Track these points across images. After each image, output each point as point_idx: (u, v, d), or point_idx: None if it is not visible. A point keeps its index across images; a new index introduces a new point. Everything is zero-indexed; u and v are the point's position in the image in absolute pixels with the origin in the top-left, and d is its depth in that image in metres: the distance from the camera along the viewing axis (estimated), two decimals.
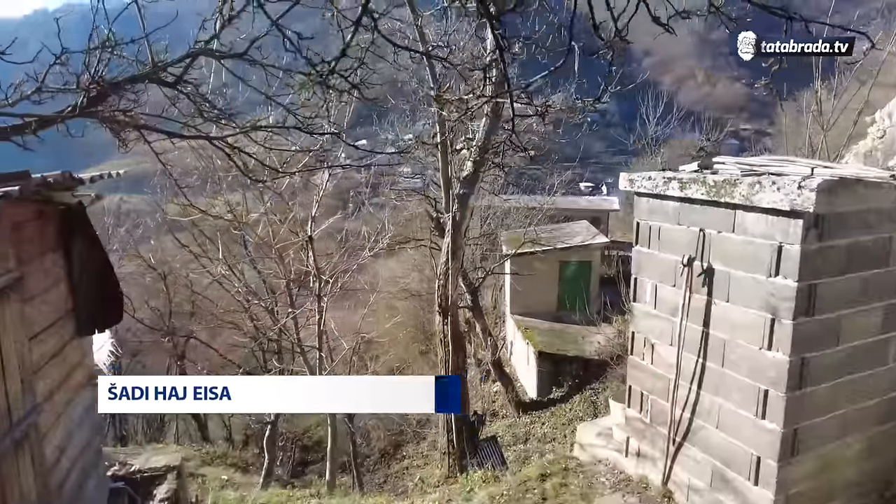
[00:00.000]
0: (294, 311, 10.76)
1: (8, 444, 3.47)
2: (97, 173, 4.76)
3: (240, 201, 12.43)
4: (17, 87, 3.14)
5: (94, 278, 4.94)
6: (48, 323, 4.27)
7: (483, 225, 21.47)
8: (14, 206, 3.78)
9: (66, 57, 3.09)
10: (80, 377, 4.94)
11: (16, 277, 3.69)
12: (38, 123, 3.17)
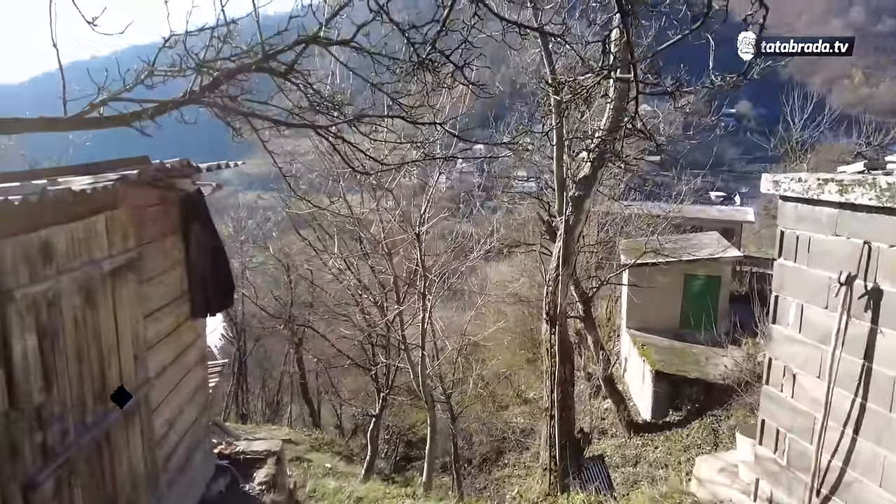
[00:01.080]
0: (400, 308, 10.84)
1: (118, 415, 3.65)
2: (214, 163, 4.96)
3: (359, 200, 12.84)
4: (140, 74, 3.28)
5: (210, 264, 5.17)
6: (164, 303, 4.51)
7: (600, 232, 20.51)
8: (136, 189, 4.01)
9: (175, 40, 3.17)
10: (193, 357, 5.20)
11: (134, 257, 3.90)
12: (155, 109, 3.29)
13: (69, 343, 3.15)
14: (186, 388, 5.00)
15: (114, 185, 3.18)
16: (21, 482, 2.77)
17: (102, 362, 3.48)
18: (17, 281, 2.74)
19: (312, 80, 4.33)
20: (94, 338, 3.41)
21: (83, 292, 3.30)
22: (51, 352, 2.98)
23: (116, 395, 3.58)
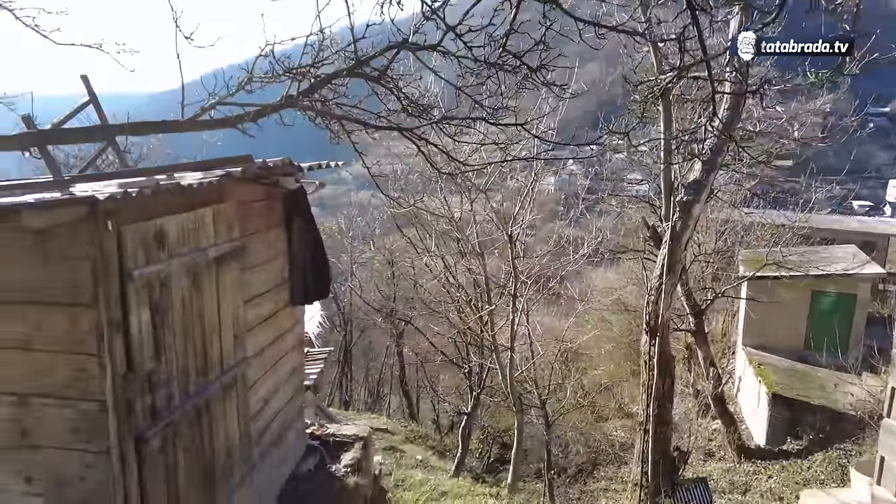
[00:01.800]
0: (489, 308, 10.90)
1: (218, 388, 4.07)
2: (315, 162, 5.34)
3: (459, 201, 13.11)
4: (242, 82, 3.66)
5: (310, 256, 5.57)
6: (265, 289, 4.94)
7: (718, 240, 19.21)
8: (242, 185, 4.44)
9: (271, 49, 3.49)
10: (290, 341, 5.63)
11: (238, 247, 4.32)
12: (255, 113, 3.65)
13: (177, 320, 3.58)
14: (283, 370, 5.42)
15: (219, 181, 3.57)
16: (134, 435, 3.21)
17: (205, 339, 3.91)
18: (136, 262, 3.17)
19: (404, 84, 4.52)
20: (199, 317, 3.83)
21: (190, 275, 3.72)
22: (161, 326, 3.42)
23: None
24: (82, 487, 3.13)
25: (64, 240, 2.88)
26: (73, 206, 2.76)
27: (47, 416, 3.08)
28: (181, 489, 3.67)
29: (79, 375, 3.02)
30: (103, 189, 3.29)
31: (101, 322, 2.97)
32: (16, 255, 2.93)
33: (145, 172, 3.94)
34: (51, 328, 2.99)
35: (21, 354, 3.04)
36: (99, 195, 2.68)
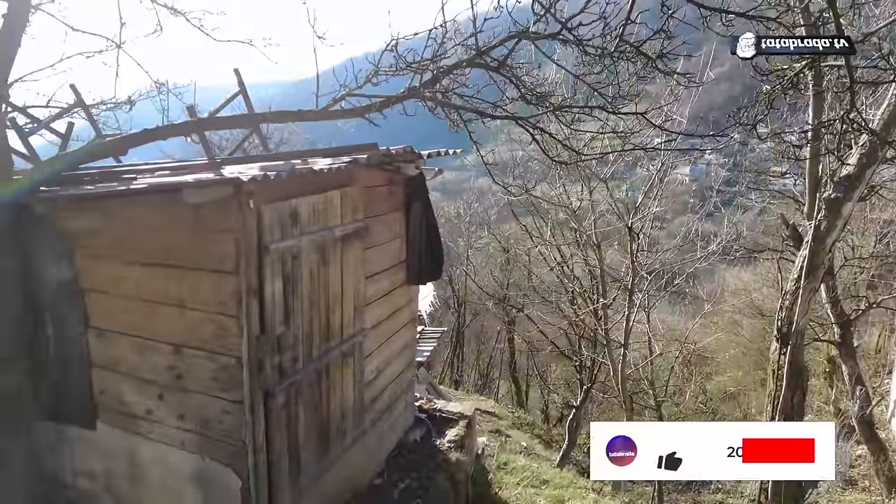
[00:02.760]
0: (603, 302, 10.60)
1: (337, 354, 4.46)
2: (434, 150, 5.56)
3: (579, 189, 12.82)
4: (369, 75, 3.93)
5: (426, 238, 5.84)
6: (383, 268, 5.28)
7: (878, 243, 16.96)
8: (367, 171, 4.77)
9: (396, 43, 3.71)
10: (404, 317, 5.96)
11: (361, 227, 4.66)
12: (381, 104, 3.90)
13: (305, 291, 3.97)
14: (396, 344, 5.77)
15: (346, 166, 3.88)
16: (263, 390, 3.65)
17: (329, 309, 4.30)
18: (272, 237, 3.57)
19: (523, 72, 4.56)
20: (324, 289, 4.22)
21: (319, 251, 4.10)
22: (291, 295, 3.82)
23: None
24: (220, 429, 3.62)
25: (214, 215, 3.33)
26: (221, 185, 3.17)
27: (196, 366, 3.60)
28: (300, 442, 4.10)
29: (220, 333, 3.49)
30: (247, 171, 3.73)
31: (241, 288, 3.39)
32: (179, 227, 3.43)
33: (284, 157, 4.38)
34: (201, 291, 3.48)
35: (178, 311, 3.57)
36: (243, 177, 3.07)
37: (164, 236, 3.51)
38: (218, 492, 3.72)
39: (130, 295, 3.72)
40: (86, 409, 4.07)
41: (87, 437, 4.16)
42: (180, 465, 3.82)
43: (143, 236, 3.59)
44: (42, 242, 3.95)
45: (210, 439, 3.67)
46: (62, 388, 4.15)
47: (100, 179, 3.96)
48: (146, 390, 3.82)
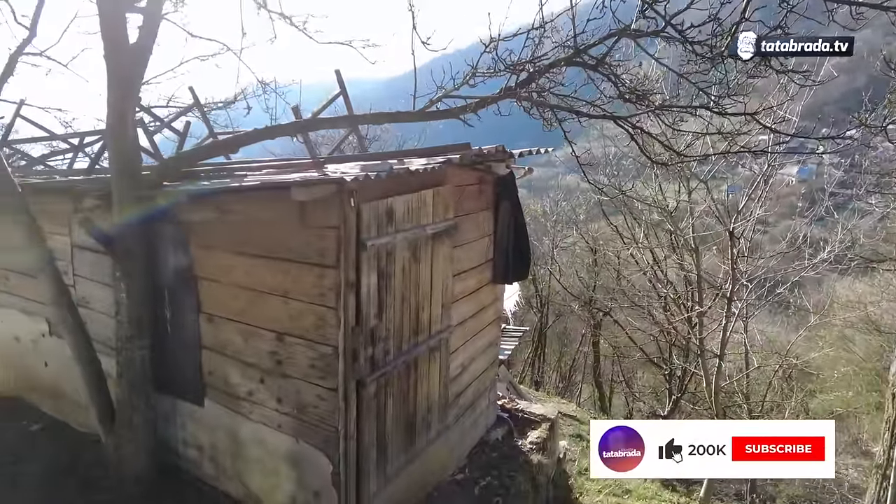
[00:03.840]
0: (699, 309, 10.03)
1: (425, 349, 4.56)
2: (526, 149, 5.53)
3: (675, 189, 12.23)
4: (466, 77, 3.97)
5: (513, 238, 5.82)
6: (471, 266, 5.32)
7: None
8: (459, 171, 4.84)
9: (495, 45, 3.71)
10: (489, 316, 5.98)
11: (451, 225, 4.73)
12: (476, 104, 3.93)
13: (397, 286, 4.09)
14: (480, 342, 5.81)
15: (440, 166, 3.95)
16: (356, 379, 3.80)
17: (418, 305, 4.40)
18: (370, 234, 3.71)
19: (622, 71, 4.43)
20: (415, 285, 4.33)
21: (411, 248, 4.21)
22: (384, 290, 3.95)
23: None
24: (315, 414, 3.82)
25: (318, 212, 3.50)
26: (325, 184, 3.34)
27: (296, 353, 3.82)
28: (388, 433, 4.24)
29: (320, 323, 3.67)
30: (349, 170, 3.90)
31: (340, 281, 3.55)
32: (285, 222, 3.65)
33: (380, 156, 4.53)
34: (303, 283, 3.68)
35: (282, 301, 3.80)
36: (347, 177, 3.21)
37: (271, 230, 3.75)
38: (310, 473, 3.93)
39: (239, 284, 4.00)
40: (196, 386, 4.44)
41: (196, 413, 4.53)
42: (277, 446, 4.07)
43: (252, 230, 3.85)
44: (164, 233, 4.34)
45: (305, 423, 3.88)
46: (176, 366, 4.55)
47: (214, 175, 4.29)
48: (249, 373, 4.10)
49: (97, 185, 4.46)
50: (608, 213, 16.14)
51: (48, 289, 4.45)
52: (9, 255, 5.71)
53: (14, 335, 5.96)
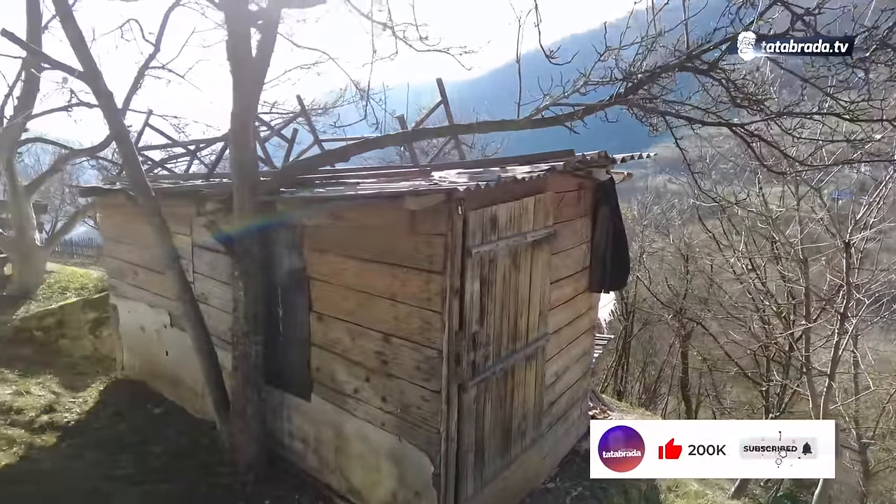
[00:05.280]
0: (807, 325, 9.30)
1: (522, 356, 4.56)
2: (628, 154, 5.39)
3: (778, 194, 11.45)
4: (575, 82, 3.93)
5: (612, 245, 5.69)
6: (568, 273, 5.26)
7: None
8: (559, 177, 4.79)
9: (609, 54, 3.65)
10: (584, 324, 5.88)
11: (550, 233, 4.70)
12: (584, 111, 3.89)
13: (497, 293, 4.12)
14: (574, 351, 5.73)
15: (545, 173, 3.94)
16: (458, 383, 3.87)
17: (517, 312, 4.41)
18: (474, 241, 3.76)
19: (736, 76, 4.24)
20: (514, 292, 4.34)
21: (512, 256, 4.23)
22: (486, 297, 3.99)
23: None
24: (418, 415, 3.92)
25: (428, 220, 3.59)
26: (436, 194, 3.41)
27: (401, 354, 3.93)
28: (485, 437, 4.28)
29: (425, 327, 3.76)
30: (453, 178, 3.97)
31: (446, 287, 3.63)
32: (395, 229, 3.77)
33: (483, 164, 4.58)
34: (411, 287, 3.78)
35: (389, 304, 3.93)
36: (460, 187, 3.27)
37: (381, 235, 3.88)
38: (412, 472, 4.03)
39: (348, 285, 4.18)
40: (304, 382, 4.68)
41: (303, 406, 4.78)
42: (380, 443, 4.21)
43: (362, 234, 4.01)
44: (279, 235, 4.61)
45: (408, 423, 3.99)
46: (286, 362, 4.82)
47: (327, 183, 4.51)
48: (355, 371, 4.27)
49: (219, 189, 4.80)
50: (703, 216, 15.39)
51: (174, 285, 4.85)
52: (139, 252, 6.27)
53: (140, 325, 6.55)
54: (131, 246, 6.45)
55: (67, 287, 8.78)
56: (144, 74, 9.20)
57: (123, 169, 4.93)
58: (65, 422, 5.67)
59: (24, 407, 5.71)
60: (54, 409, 5.84)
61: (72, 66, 4.59)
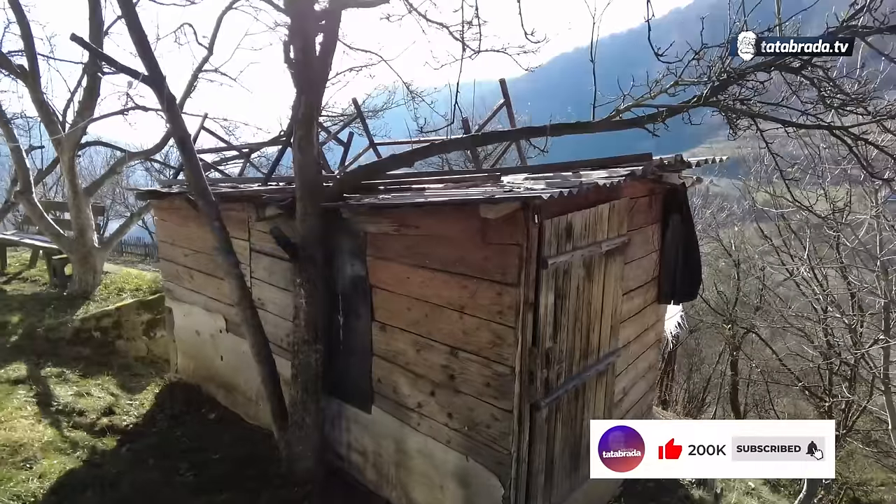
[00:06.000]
0: (887, 342, 8.70)
1: (593, 373, 4.32)
2: (703, 158, 5.09)
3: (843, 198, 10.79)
4: (658, 82, 3.67)
5: (682, 255, 5.39)
6: (637, 285, 4.99)
7: None
8: (633, 182, 4.53)
9: (703, 52, 3.38)
10: (651, 338, 5.59)
11: (625, 241, 4.44)
12: (668, 112, 3.62)
13: (571, 306, 3.89)
14: (641, 365, 5.44)
15: (626, 179, 3.70)
16: (531, 402, 3.66)
17: (589, 326, 4.17)
18: (550, 252, 3.54)
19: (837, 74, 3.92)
20: (587, 305, 4.10)
21: (585, 267, 3.99)
22: (560, 310, 3.77)
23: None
24: (487, 434, 3.72)
25: (502, 229, 3.39)
26: (513, 201, 3.21)
27: (470, 369, 3.74)
28: (555, 457, 4.06)
29: (496, 341, 3.56)
30: (528, 184, 3.76)
31: (520, 300, 3.42)
32: (466, 237, 3.59)
33: (554, 168, 4.35)
34: (482, 299, 3.59)
35: (458, 316, 3.75)
36: (543, 194, 3.06)
37: (449, 244, 3.70)
38: (479, 494, 3.84)
39: (413, 295, 4.02)
40: (364, 393, 4.54)
41: (363, 418, 4.64)
42: (445, 461, 4.03)
43: (429, 242, 3.84)
44: (341, 242, 4.49)
45: (476, 442, 3.80)
46: (346, 371, 4.69)
47: (392, 188, 4.36)
48: (419, 385, 4.10)
49: (280, 194, 4.71)
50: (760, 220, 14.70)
51: (234, 291, 4.78)
52: (195, 256, 6.27)
53: (195, 329, 6.55)
54: (187, 249, 6.46)
55: (123, 288, 8.92)
56: (198, 77, 9.30)
57: (185, 173, 4.88)
58: (124, 425, 5.70)
59: (86, 408, 5.76)
60: (113, 412, 5.88)
61: (136, 69, 4.56)
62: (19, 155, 8.61)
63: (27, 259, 11.00)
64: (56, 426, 5.30)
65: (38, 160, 13.01)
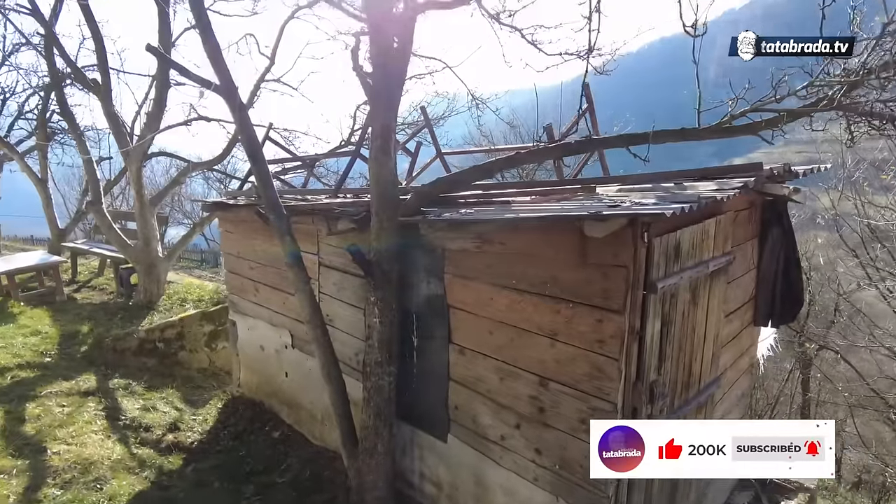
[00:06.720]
0: None
1: (694, 406, 3.90)
2: (809, 167, 4.61)
3: None
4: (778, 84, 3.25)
5: (782, 272, 4.91)
6: (737, 306, 4.54)
7: None
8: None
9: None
10: (744, 363, 5.10)
11: (730, 260, 4.02)
12: (787, 116, 3.21)
13: (676, 333, 3.50)
14: (734, 393, 4.96)
15: (739, 192, 3.29)
16: None
17: (692, 355, 3.76)
18: (658, 274, 3.17)
19: None
20: (691, 332, 3.70)
21: (691, 289, 3.59)
22: (665, 338, 3.39)
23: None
24: (582, 474, 3.36)
25: (605, 248, 3.04)
26: (620, 217, 2.86)
27: (562, 403, 3.40)
28: (653, 498, 3.67)
29: (595, 374, 3.21)
30: (625, 195, 3.40)
31: (625, 329, 3.06)
32: (560, 256, 3.26)
33: (651, 178, 3.97)
34: (578, 325, 3.25)
35: (549, 343, 3.41)
36: (656, 210, 2.71)
37: (541, 264, 3.38)
38: None
39: (497, 318, 3.71)
40: (441, 420, 4.25)
41: (437, 447, 4.35)
42: (531, 500, 3.70)
43: (516, 261, 3.53)
44: (417, 259, 4.23)
45: (568, 482, 3.45)
46: (420, 397, 4.42)
47: (472, 202, 4.08)
48: (503, 416, 3.78)
49: (353, 208, 4.50)
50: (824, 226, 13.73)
51: (304, 308, 4.59)
52: (261, 269, 6.16)
53: (259, 344, 6.44)
54: (253, 262, 6.35)
55: (186, 298, 8.97)
56: (260, 87, 9.31)
57: (256, 185, 4.74)
58: (189, 442, 5.61)
59: (152, 424, 5.70)
60: (178, 427, 5.81)
61: (208, 79, 4.45)
62: (91, 167, 8.81)
63: (95, 266, 11.29)
64: (124, 442, 5.25)
65: (106, 171, 13.42)
